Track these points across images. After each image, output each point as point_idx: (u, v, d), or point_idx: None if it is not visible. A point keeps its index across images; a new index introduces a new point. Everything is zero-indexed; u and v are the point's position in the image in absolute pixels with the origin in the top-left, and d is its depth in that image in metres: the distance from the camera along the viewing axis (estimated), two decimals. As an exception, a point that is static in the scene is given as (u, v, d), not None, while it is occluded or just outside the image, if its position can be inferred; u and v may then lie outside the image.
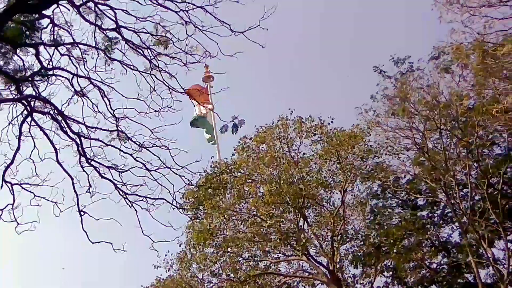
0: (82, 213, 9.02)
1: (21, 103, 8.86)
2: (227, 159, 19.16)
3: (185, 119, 21.26)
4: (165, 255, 18.22)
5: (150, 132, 9.21)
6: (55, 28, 9.10)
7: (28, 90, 9.15)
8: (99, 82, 9.27)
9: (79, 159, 9.10)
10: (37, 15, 8.99)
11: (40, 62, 9.01)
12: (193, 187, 14.11)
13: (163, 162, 9.15)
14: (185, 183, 9.50)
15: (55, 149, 8.95)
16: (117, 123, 9.35)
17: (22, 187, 8.89)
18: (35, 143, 9.02)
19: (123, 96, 9.30)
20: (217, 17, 8.98)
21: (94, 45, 9.27)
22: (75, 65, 9.27)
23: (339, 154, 17.48)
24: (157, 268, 18.32)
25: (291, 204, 17.54)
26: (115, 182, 9.15)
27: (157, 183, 9.15)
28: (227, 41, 9.12)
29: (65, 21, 9.11)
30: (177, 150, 9.18)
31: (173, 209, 9.34)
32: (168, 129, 9.30)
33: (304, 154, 18.30)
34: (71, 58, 9.28)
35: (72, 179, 8.98)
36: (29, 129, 8.91)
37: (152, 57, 9.34)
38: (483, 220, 17.70)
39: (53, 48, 9.15)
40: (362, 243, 19.52)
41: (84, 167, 9.14)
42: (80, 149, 9.05)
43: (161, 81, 9.36)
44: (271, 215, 17.72)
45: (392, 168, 19.23)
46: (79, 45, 9.27)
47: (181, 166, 9.13)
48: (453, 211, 18.59)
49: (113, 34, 9.31)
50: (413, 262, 19.66)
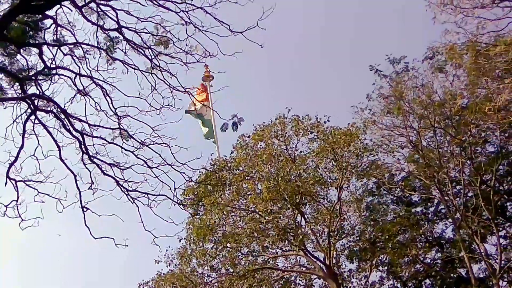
0: (84, 209, 9.03)
1: (25, 101, 8.86)
2: (226, 156, 19.22)
3: (185, 117, 21.33)
4: (166, 250, 18.31)
5: (151, 130, 9.21)
6: (58, 28, 9.12)
7: (31, 89, 9.15)
8: (101, 81, 9.29)
9: (82, 157, 9.10)
10: (40, 16, 8.99)
11: (43, 61, 9.00)
12: (193, 183, 14.13)
13: (164, 159, 9.17)
14: (185, 180, 9.51)
15: (58, 146, 8.95)
16: (119, 121, 9.35)
17: (26, 184, 8.90)
18: (38, 141, 9.03)
19: (125, 94, 9.31)
20: (216, 18, 9.02)
21: (96, 45, 9.30)
22: (77, 65, 9.29)
23: (335, 152, 17.52)
24: (158, 263, 18.40)
25: (288, 200, 17.58)
26: (117, 179, 9.17)
27: (158, 180, 9.15)
28: (226, 41, 9.16)
29: (68, 21, 9.13)
30: (178, 147, 9.19)
31: (174, 205, 9.36)
32: (168, 127, 9.32)
33: (301, 152, 18.40)
34: (74, 57, 9.28)
35: (75, 176, 8.99)
36: (33, 127, 8.92)
37: (153, 57, 9.36)
38: (475, 216, 17.77)
39: (56, 48, 9.16)
40: (358, 238, 19.59)
41: (86, 164, 9.15)
42: (82, 146, 9.06)
43: (162, 80, 9.38)
44: (269, 211, 17.76)
45: (387, 165, 19.30)
46: (81, 45, 9.27)
47: (181, 163, 9.14)
48: (446, 208, 18.65)
49: (114, 34, 9.34)
50: (407, 257, 19.71)
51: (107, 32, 9.27)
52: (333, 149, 17.46)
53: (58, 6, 8.77)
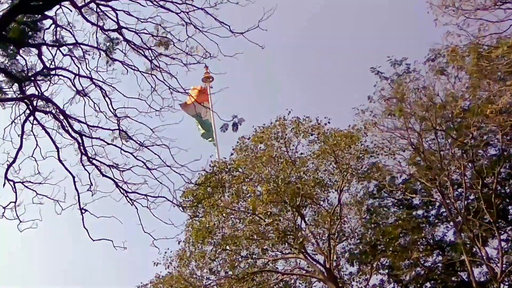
0: (83, 211, 9.00)
1: (24, 102, 8.82)
2: (226, 158, 19.21)
3: (185, 119, 21.30)
4: (165, 252, 18.26)
5: (150, 131, 9.16)
6: (58, 28, 9.06)
7: (30, 89, 9.07)
8: (101, 82, 9.22)
9: (81, 158, 9.05)
10: (39, 16, 8.96)
11: (42, 62, 8.96)
12: (193, 185, 14.10)
13: (163, 161, 9.10)
14: (185, 182, 9.47)
15: (57, 148, 8.89)
16: (118, 123, 9.29)
17: (24, 185, 8.82)
18: (37, 142, 8.96)
19: (124, 96, 9.24)
20: (217, 18, 8.99)
21: (96, 45, 9.24)
22: (77, 65, 9.23)
23: (336, 154, 17.51)
24: (156, 265, 18.35)
25: (288, 203, 17.56)
26: (116, 180, 9.10)
27: (158, 181, 9.08)
28: (227, 42, 9.14)
29: (67, 22, 9.07)
30: (177, 149, 9.11)
31: (173, 207, 9.35)
32: (168, 128, 9.27)
33: (301, 154, 18.38)
34: (73, 58, 9.23)
35: (73, 177, 8.92)
36: (32, 128, 8.85)
37: (153, 58, 9.31)
38: (477, 219, 17.75)
39: (56, 48, 9.11)
40: (358, 241, 19.57)
41: (85, 165, 9.08)
42: (81, 148, 9.01)
43: (162, 81, 9.32)
44: (269, 213, 17.73)
45: (388, 168, 19.29)
46: (81, 46, 9.22)
47: (181, 165, 9.09)
48: (448, 211, 18.63)
49: (114, 34, 9.28)
50: (408, 260, 19.67)
51: (106, 32, 9.23)
52: (334, 151, 17.45)
53: (57, 6, 8.73)
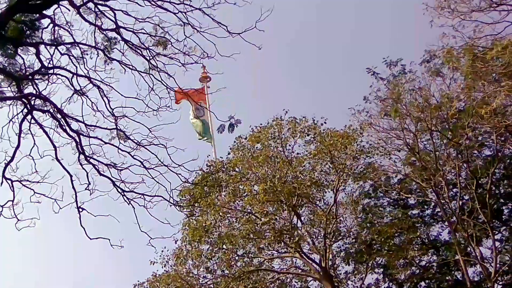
0: (80, 210, 9.01)
1: (22, 101, 8.84)
2: (222, 158, 19.23)
3: (183, 118, 21.27)
4: (162, 251, 18.31)
5: (148, 130, 9.18)
6: (56, 28, 9.05)
7: (28, 88, 9.08)
8: (99, 81, 9.23)
9: (78, 157, 9.06)
10: (38, 15, 8.95)
11: (40, 61, 8.96)
12: (190, 185, 14.11)
13: (160, 160, 9.14)
14: (182, 181, 9.48)
15: (55, 146, 8.91)
16: (116, 122, 9.31)
17: (22, 184, 8.83)
18: (35, 141, 8.97)
19: (122, 95, 9.25)
20: (214, 19, 9.02)
21: (93, 45, 9.23)
22: (75, 65, 9.23)
23: (332, 154, 17.56)
24: (153, 263, 18.36)
25: (285, 202, 17.60)
26: (114, 179, 9.12)
27: (155, 181, 9.11)
28: (224, 42, 9.16)
29: (65, 21, 9.07)
30: (174, 148, 9.16)
31: (170, 206, 9.35)
32: (165, 128, 9.30)
33: (298, 153, 18.41)
34: (71, 57, 9.22)
35: (71, 176, 8.93)
36: (29, 127, 8.86)
37: (151, 57, 9.32)
38: (471, 219, 17.82)
39: (54, 47, 9.11)
40: (354, 240, 19.62)
41: (83, 164, 9.10)
42: (79, 147, 9.02)
43: (160, 81, 9.35)
44: (265, 213, 17.76)
45: (383, 168, 19.33)
46: (79, 45, 9.22)
47: (178, 164, 9.12)
48: (442, 210, 18.70)
49: (112, 34, 9.27)
50: (403, 259, 19.75)
51: (105, 32, 9.23)
52: (330, 151, 17.49)
53: (56, 5, 8.74)
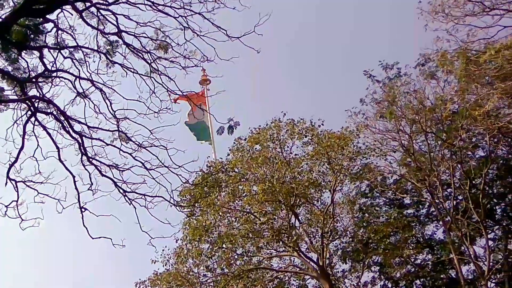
0: (83, 210, 8.99)
1: (26, 103, 8.82)
2: (222, 159, 19.19)
3: (183, 120, 21.28)
4: (163, 250, 18.29)
5: (149, 132, 9.19)
6: (59, 32, 9.05)
7: (32, 91, 9.08)
8: (101, 84, 9.23)
9: (81, 158, 9.05)
10: (41, 19, 8.94)
11: (44, 64, 8.96)
12: (190, 185, 14.06)
13: (161, 161, 9.13)
14: (182, 182, 9.46)
15: (58, 148, 8.90)
16: (117, 124, 9.31)
17: (26, 184, 8.82)
18: (38, 142, 8.96)
19: (124, 98, 9.27)
20: (214, 23, 9.02)
21: (96, 48, 9.24)
22: (77, 68, 9.23)
23: (329, 155, 17.53)
24: (154, 262, 18.33)
25: (283, 202, 17.56)
26: (116, 180, 9.11)
27: (156, 181, 9.10)
28: (224, 46, 9.17)
29: (68, 25, 9.09)
30: (175, 150, 9.15)
31: (171, 206, 9.32)
32: (166, 130, 9.28)
33: (295, 154, 18.38)
34: (74, 61, 9.22)
35: (73, 177, 8.93)
36: (33, 128, 8.86)
37: (152, 61, 9.33)
38: (465, 219, 17.81)
39: (57, 51, 9.10)
40: (350, 239, 19.60)
41: (85, 165, 9.10)
42: (82, 148, 9.01)
43: (160, 84, 9.35)
44: (264, 212, 17.74)
45: (379, 168, 19.32)
46: (81, 49, 9.22)
47: (178, 165, 9.11)
48: (437, 210, 18.69)
49: (114, 38, 9.29)
50: (399, 258, 19.73)
51: (107, 36, 9.23)
52: (327, 152, 17.47)
53: (59, 10, 8.75)
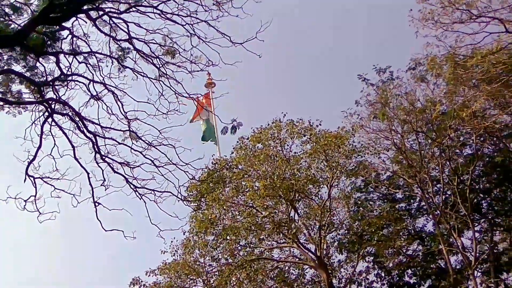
0: (97, 204, 9.07)
1: (43, 105, 8.92)
2: (226, 156, 19.24)
3: (190, 121, 21.33)
4: (171, 241, 18.40)
5: (158, 132, 9.29)
6: (74, 38, 9.16)
7: (49, 94, 9.20)
8: (113, 87, 9.34)
9: (95, 156, 9.15)
10: (58, 27, 9.02)
11: (60, 69, 9.05)
12: (196, 181, 14.13)
13: (169, 159, 9.22)
14: (189, 178, 9.56)
15: (73, 147, 9.00)
16: (129, 124, 9.42)
17: (43, 180, 8.93)
18: (55, 141, 9.09)
19: (135, 100, 9.38)
20: (219, 30, 9.10)
21: (108, 54, 9.35)
22: (91, 72, 9.35)
23: (326, 153, 17.55)
24: (163, 253, 18.47)
25: (283, 197, 17.60)
26: (127, 176, 9.22)
27: (164, 178, 9.21)
28: (228, 50, 9.23)
29: (83, 32, 9.20)
30: (182, 148, 9.26)
31: (178, 201, 9.40)
32: (174, 129, 9.37)
33: (295, 153, 18.40)
34: (88, 65, 9.33)
35: (88, 173, 9.04)
36: (50, 128, 8.98)
37: (160, 66, 9.42)
38: (453, 212, 17.84)
39: (72, 56, 9.20)
40: (346, 232, 19.62)
41: (99, 163, 9.20)
42: (95, 147, 9.10)
43: (169, 87, 9.45)
44: (265, 207, 17.77)
45: (373, 165, 19.34)
46: (95, 54, 9.32)
47: (185, 162, 9.20)
48: (427, 204, 18.72)
49: (125, 44, 9.39)
50: (391, 249, 19.74)
51: (118, 42, 9.32)
52: (324, 151, 17.49)
53: (74, 18, 8.84)
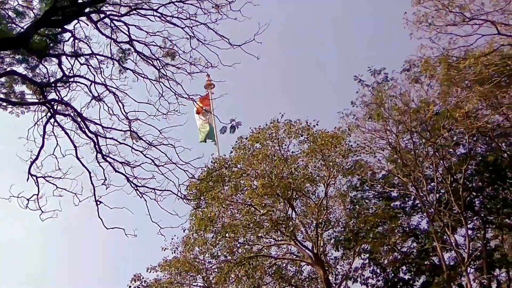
0: (98, 203, 9.01)
1: (46, 106, 8.87)
2: (225, 156, 19.19)
3: (189, 121, 21.21)
4: (172, 239, 18.33)
5: (158, 132, 9.25)
6: (76, 41, 9.13)
7: (51, 95, 9.16)
8: (114, 88, 9.31)
9: (96, 156, 9.11)
10: (60, 29, 8.98)
11: (62, 70, 9.02)
12: (196, 180, 14.09)
13: (169, 158, 9.18)
14: (189, 177, 9.51)
15: (75, 146, 8.95)
16: (129, 124, 9.39)
17: (46, 179, 8.87)
18: (57, 141, 9.04)
19: (135, 100, 9.35)
20: (218, 33, 9.05)
21: (110, 56, 9.32)
22: (93, 74, 9.32)
23: (323, 152, 17.51)
24: (164, 250, 18.41)
25: (281, 195, 17.56)
26: (128, 176, 9.17)
27: (164, 176, 9.17)
28: (226, 52, 9.19)
29: (84, 35, 9.17)
30: (182, 148, 9.22)
31: (178, 199, 9.35)
32: (174, 129, 9.34)
33: (292, 152, 18.34)
34: (90, 67, 9.32)
35: (89, 173, 8.98)
36: (52, 129, 8.93)
37: (160, 67, 9.38)
38: (447, 210, 17.83)
39: (74, 58, 9.17)
40: (342, 229, 19.58)
41: (100, 162, 9.16)
42: (97, 146, 9.05)
43: (169, 88, 9.43)
44: (263, 205, 17.73)
45: (369, 164, 19.30)
46: (96, 56, 9.30)
47: (185, 162, 9.16)
48: (421, 202, 18.69)
49: (126, 46, 9.37)
50: (387, 246, 19.73)
51: (119, 44, 9.29)
52: (321, 150, 17.45)
53: (75, 21, 8.81)
